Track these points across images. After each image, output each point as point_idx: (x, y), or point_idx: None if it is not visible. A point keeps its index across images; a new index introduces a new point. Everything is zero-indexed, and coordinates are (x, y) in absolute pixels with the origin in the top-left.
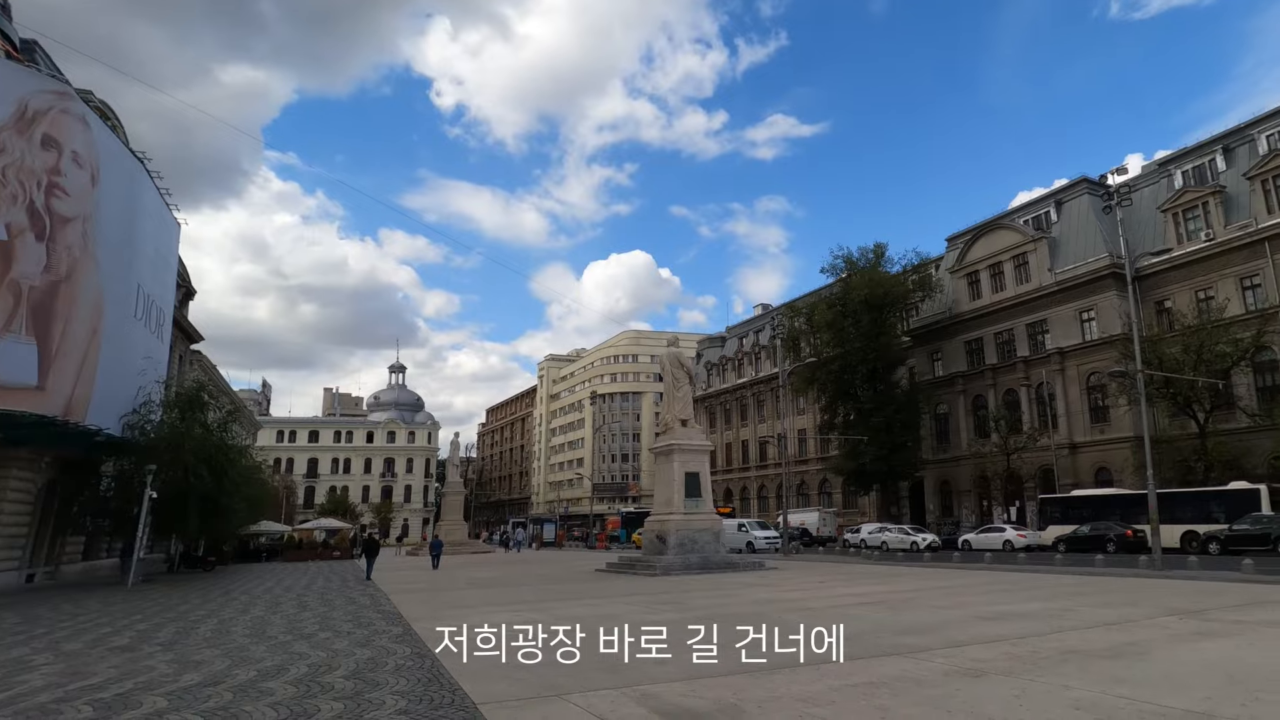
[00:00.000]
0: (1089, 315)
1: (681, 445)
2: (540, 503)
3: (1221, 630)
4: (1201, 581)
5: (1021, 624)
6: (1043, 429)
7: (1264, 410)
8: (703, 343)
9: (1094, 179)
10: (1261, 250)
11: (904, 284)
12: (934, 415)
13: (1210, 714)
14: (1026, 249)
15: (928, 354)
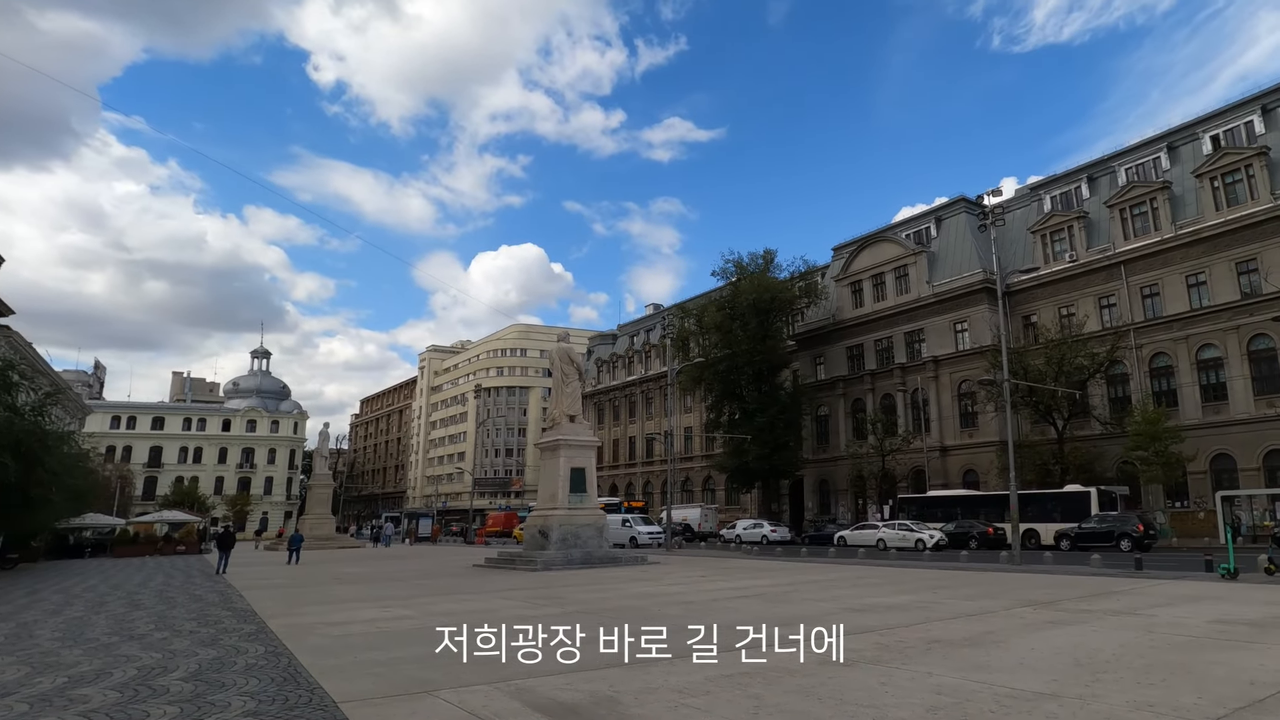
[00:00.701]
0: (962, 326)
1: (568, 441)
2: (417, 497)
3: (1070, 619)
4: (1055, 575)
5: (890, 615)
6: (916, 432)
7: (1115, 419)
8: (594, 339)
9: (971, 199)
10: (1118, 273)
11: (791, 290)
12: (815, 417)
13: (1056, 694)
14: (907, 261)
15: (811, 358)
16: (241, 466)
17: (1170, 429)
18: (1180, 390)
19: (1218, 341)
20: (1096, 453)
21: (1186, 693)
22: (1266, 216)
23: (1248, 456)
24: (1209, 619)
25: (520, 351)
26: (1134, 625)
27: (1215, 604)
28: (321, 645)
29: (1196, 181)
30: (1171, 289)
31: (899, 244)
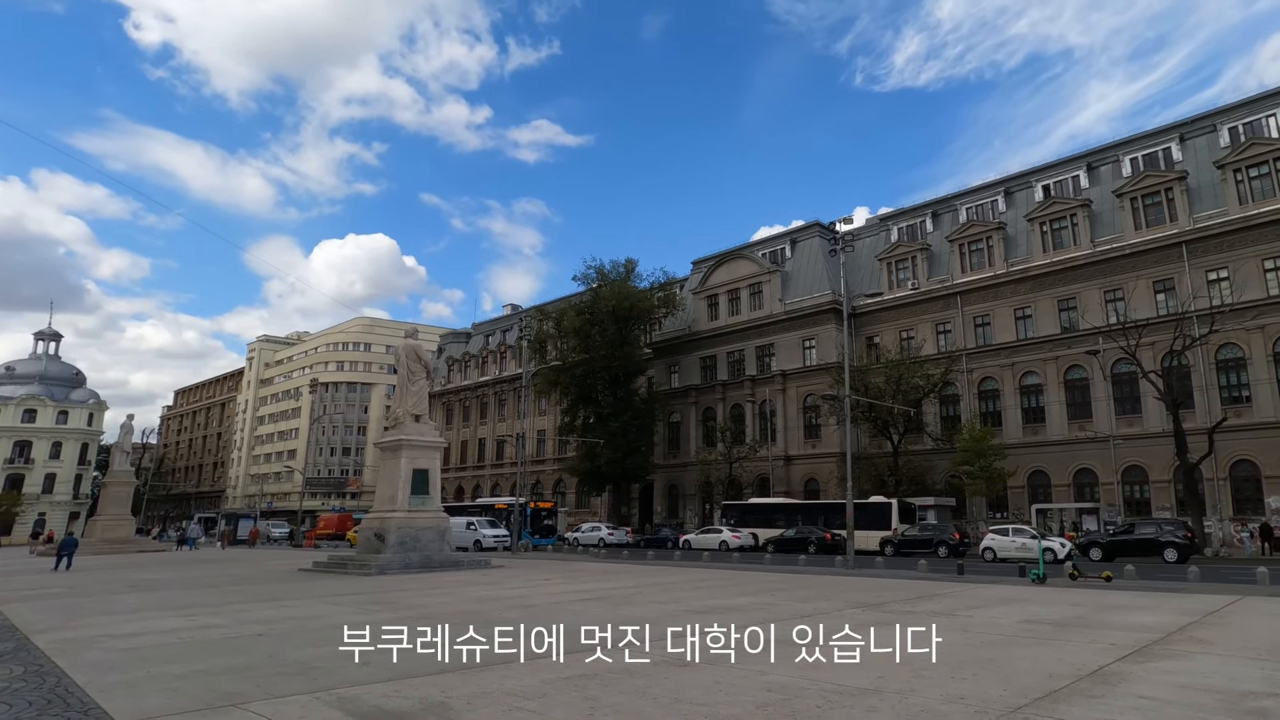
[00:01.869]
0: (811, 343)
1: (412, 441)
2: (238, 496)
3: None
4: (884, 579)
5: (730, 616)
6: (763, 441)
7: (945, 436)
8: (446, 337)
9: (825, 224)
10: (955, 302)
11: (650, 299)
12: (668, 423)
13: (879, 690)
14: (762, 279)
15: (667, 366)
16: (13, 462)
17: (994, 447)
18: (1004, 412)
19: (1039, 370)
20: (928, 466)
21: (995, 686)
22: (1085, 261)
23: (1060, 474)
24: (1018, 619)
25: (364, 346)
26: (951, 625)
27: (1025, 606)
28: (104, 660)
29: (1028, 225)
30: (1001, 320)
31: (755, 262)
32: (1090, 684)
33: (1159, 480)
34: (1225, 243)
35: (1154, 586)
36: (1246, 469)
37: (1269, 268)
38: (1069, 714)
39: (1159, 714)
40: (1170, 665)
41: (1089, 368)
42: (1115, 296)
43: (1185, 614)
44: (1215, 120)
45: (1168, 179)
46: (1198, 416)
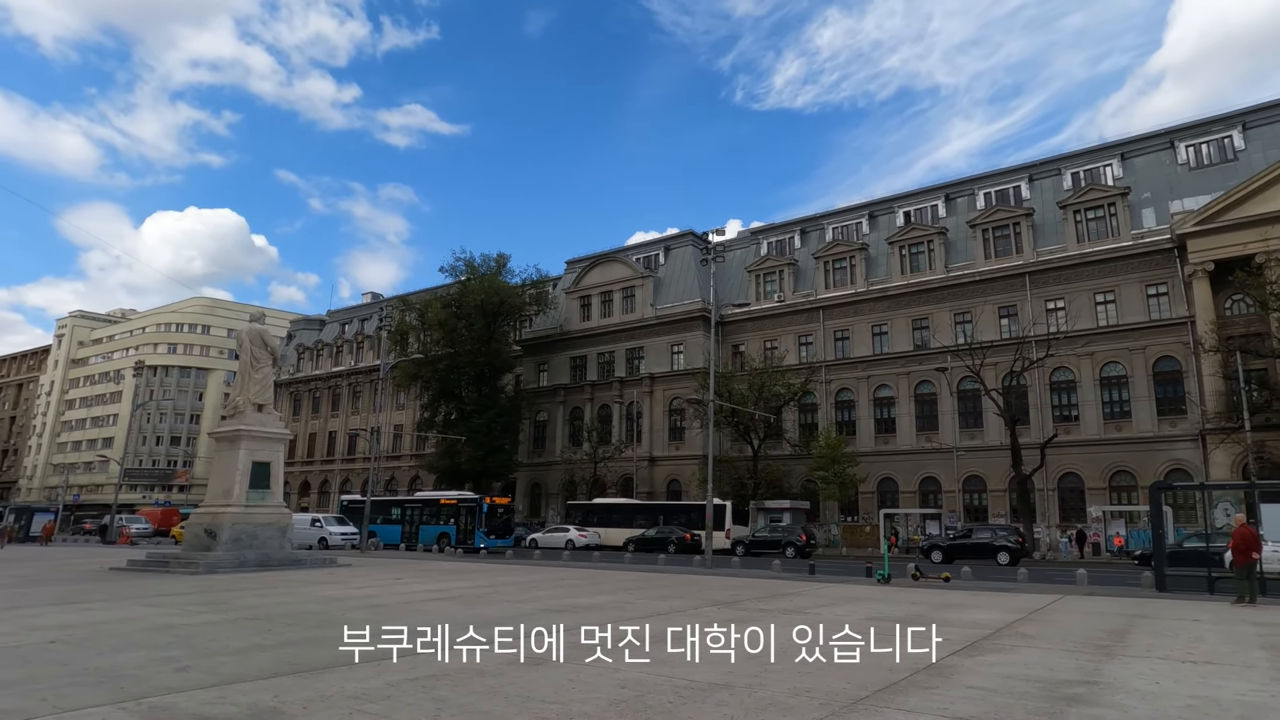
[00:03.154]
0: (679, 348)
1: (253, 431)
2: (35, 488)
3: (750, 617)
4: (740, 578)
5: (587, 615)
6: (629, 442)
7: (803, 442)
8: (298, 323)
9: (699, 234)
10: (817, 316)
11: (522, 296)
12: (534, 421)
13: (729, 684)
14: (635, 283)
15: (536, 364)
16: None
17: (848, 454)
18: (859, 422)
19: (892, 383)
20: (785, 470)
21: (838, 680)
22: (939, 285)
23: (908, 481)
24: (863, 617)
25: (202, 328)
26: (803, 622)
27: (870, 604)
28: None
29: (889, 247)
30: (859, 335)
31: (629, 266)
32: (926, 676)
33: (996, 489)
34: (1063, 276)
35: (987, 587)
36: (1073, 481)
37: (1099, 301)
38: (905, 704)
39: (985, 702)
40: (998, 658)
41: (937, 383)
42: (964, 319)
43: (1013, 611)
44: (1060, 165)
45: (1016, 214)
46: (1032, 432)
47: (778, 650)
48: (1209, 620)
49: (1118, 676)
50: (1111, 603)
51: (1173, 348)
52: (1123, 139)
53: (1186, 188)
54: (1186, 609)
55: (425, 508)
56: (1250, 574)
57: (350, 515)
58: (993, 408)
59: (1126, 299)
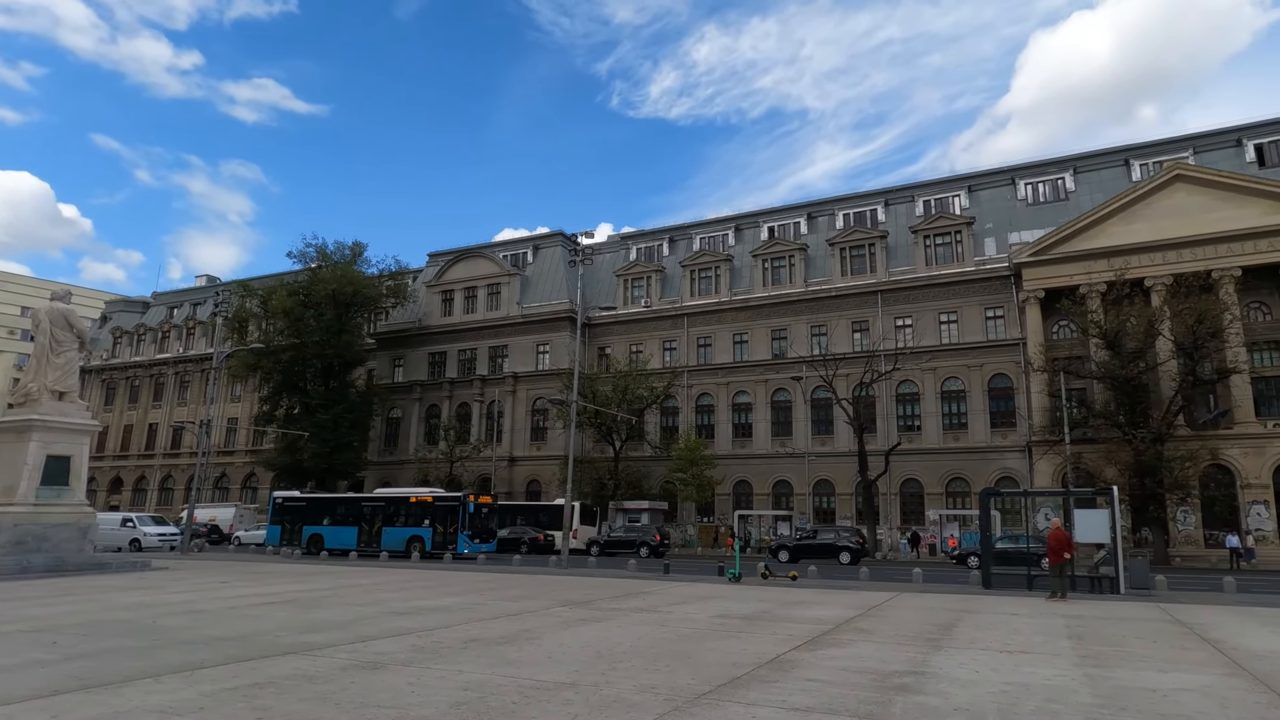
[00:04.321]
0: (545, 348)
1: (48, 422)
2: None
3: (602, 616)
4: (595, 578)
5: (433, 617)
6: (489, 442)
7: (663, 445)
8: (115, 304)
9: (568, 235)
10: (682, 323)
11: (378, 287)
12: (387, 418)
13: (575, 683)
14: (501, 281)
15: (391, 359)
16: None
17: (707, 457)
18: (718, 426)
19: (750, 390)
20: (646, 472)
21: (684, 675)
22: (798, 298)
23: (762, 484)
24: (713, 614)
25: None
26: (652, 621)
27: (720, 602)
28: None
29: (753, 260)
30: (721, 342)
31: (496, 263)
32: (768, 670)
33: (844, 493)
34: (912, 296)
35: (831, 585)
36: (914, 486)
37: (943, 320)
38: (746, 697)
39: (821, 693)
40: (836, 652)
41: (793, 391)
42: (820, 331)
43: (852, 608)
44: (914, 192)
45: (872, 236)
46: (879, 440)
47: (628, 648)
48: (1026, 614)
49: (943, 667)
50: (942, 599)
51: (1006, 366)
52: (970, 173)
53: (1024, 221)
54: (1007, 604)
55: (389, 507)
56: (1062, 572)
57: (284, 515)
58: (843, 416)
59: (967, 320)
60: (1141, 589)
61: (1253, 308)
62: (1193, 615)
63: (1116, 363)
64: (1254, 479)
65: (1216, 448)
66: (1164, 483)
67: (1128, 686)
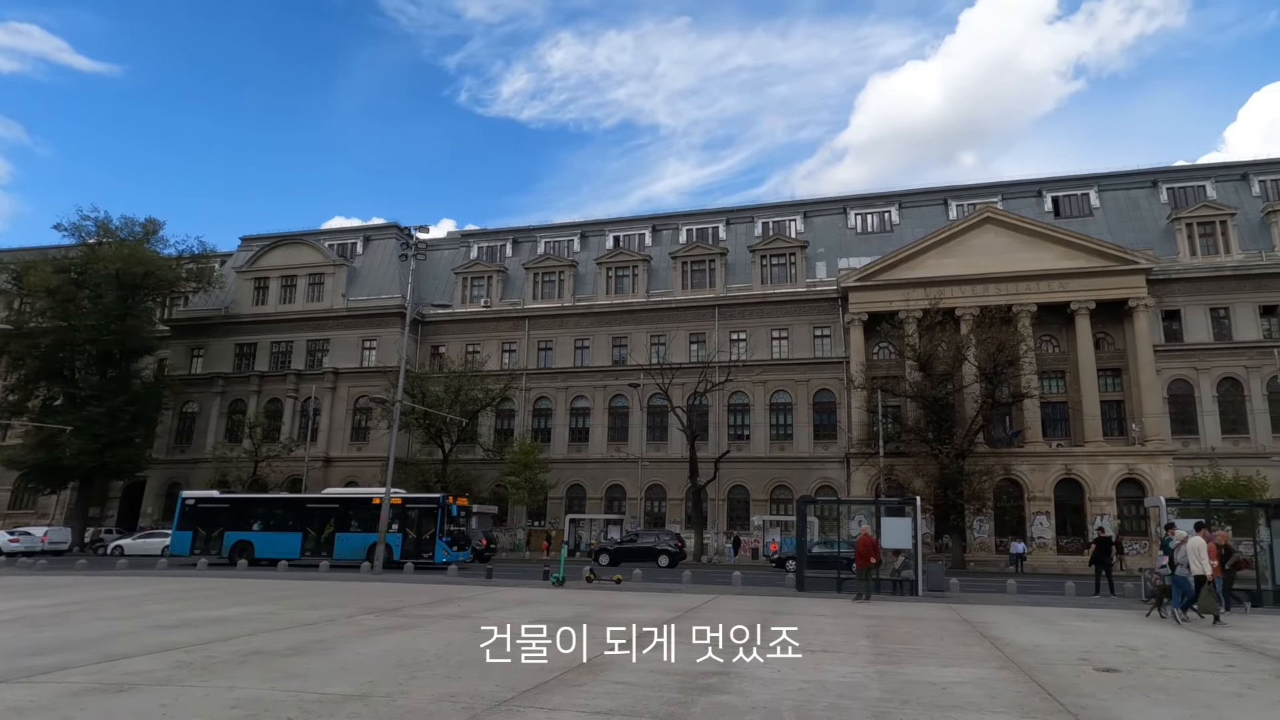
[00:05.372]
0: (372, 344)
1: None
2: None
3: (409, 624)
4: (411, 584)
5: (210, 630)
6: (302, 440)
7: (497, 447)
8: None
9: (404, 227)
10: (523, 325)
11: (175, 269)
12: (180, 413)
13: (367, 695)
14: (326, 271)
15: (189, 348)
16: None
17: (542, 460)
18: (555, 430)
19: (589, 395)
20: (477, 475)
21: (488, 682)
22: (640, 308)
23: (596, 488)
24: (531, 619)
25: None
26: (465, 627)
27: (540, 607)
28: None
29: (597, 267)
30: (562, 347)
31: (321, 251)
32: (577, 674)
33: (675, 498)
34: (747, 312)
35: (654, 588)
36: (741, 492)
37: (775, 336)
38: (550, 703)
39: (627, 695)
40: (650, 654)
41: (630, 398)
42: (659, 341)
43: (672, 610)
44: (754, 214)
45: (713, 252)
46: (710, 447)
47: (434, 656)
48: (831, 615)
49: (748, 667)
50: (757, 601)
51: (830, 382)
52: (808, 199)
53: (853, 248)
54: (816, 605)
55: (344, 510)
56: (868, 575)
57: (196, 520)
58: (677, 423)
59: (797, 337)
60: (937, 591)
61: (1044, 340)
62: (978, 615)
63: (927, 383)
64: (1039, 492)
65: (1009, 464)
66: (964, 494)
67: (914, 681)
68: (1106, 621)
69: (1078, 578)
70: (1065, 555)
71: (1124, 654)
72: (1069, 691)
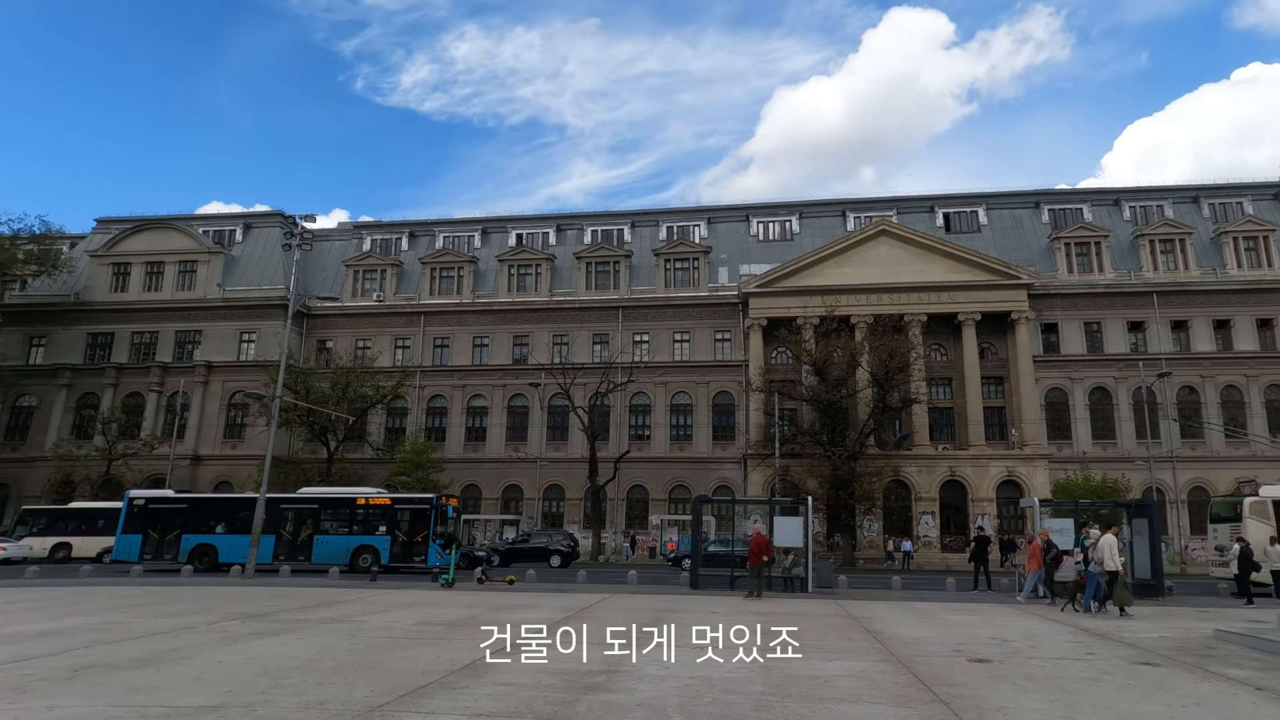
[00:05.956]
0: (250, 337)
1: None
2: None
3: (280, 629)
4: (286, 588)
5: (35, 644)
6: (167, 437)
7: (388, 446)
8: None
9: (289, 215)
10: (418, 321)
11: (10, 250)
12: (13, 408)
13: (223, 706)
14: (199, 258)
15: (27, 336)
16: None
17: (435, 460)
18: (450, 429)
19: (487, 394)
20: (365, 474)
21: (363, 688)
22: (542, 307)
23: (493, 488)
24: (414, 622)
25: None
26: (342, 631)
27: (426, 609)
28: None
29: (499, 264)
30: (460, 344)
31: (193, 237)
32: (459, 677)
33: (574, 498)
34: (651, 314)
35: (549, 588)
36: (640, 492)
37: (678, 339)
38: (428, 706)
39: (510, 697)
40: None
41: (531, 397)
42: (562, 340)
43: (564, 610)
44: (659, 218)
45: (618, 254)
46: (611, 448)
47: (305, 662)
48: (723, 612)
49: (637, 664)
50: (651, 599)
51: (730, 385)
52: (712, 206)
53: (755, 256)
54: (709, 603)
55: (323, 511)
56: (760, 573)
57: (148, 522)
58: (578, 423)
59: (699, 340)
60: (826, 588)
61: (933, 349)
62: (863, 610)
63: (823, 388)
64: (925, 493)
65: (898, 466)
66: (855, 494)
67: (797, 675)
68: (982, 615)
69: (959, 574)
70: (949, 553)
71: (996, 645)
72: (943, 681)
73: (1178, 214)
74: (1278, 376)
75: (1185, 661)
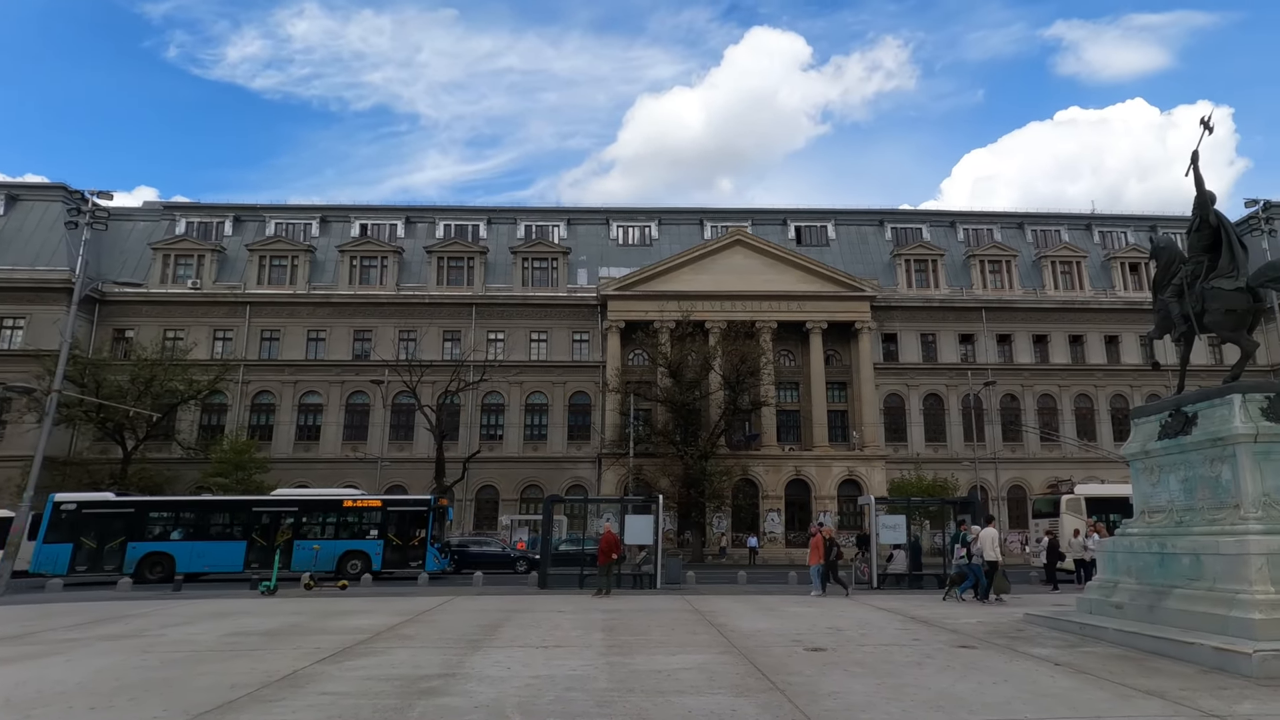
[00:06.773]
0: (18, 323)
1: None
2: None
3: (45, 651)
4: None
5: None
6: None
7: (201, 445)
8: None
9: (76, 189)
10: (242, 312)
11: None
12: None
13: None
14: None
15: None
16: None
17: (259, 460)
18: (278, 427)
19: (322, 390)
20: (172, 475)
21: (154, 707)
22: (388, 301)
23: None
24: (225, 633)
25: None
26: (132, 648)
27: (240, 619)
28: None
29: (339, 255)
30: (292, 337)
31: None
32: (275, 689)
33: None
34: (507, 312)
35: (387, 592)
36: (490, 493)
37: (534, 339)
38: None
39: (333, 707)
40: (366, 661)
41: (373, 395)
42: (409, 336)
43: (400, 615)
44: (518, 216)
45: (472, 250)
46: (460, 447)
47: (74, 686)
48: (570, 611)
49: (476, 666)
50: (497, 600)
51: (587, 385)
52: (573, 207)
53: (614, 259)
54: (557, 602)
55: (304, 514)
56: (609, 571)
57: (79, 529)
58: (425, 423)
59: (556, 340)
60: (675, 584)
61: (782, 355)
62: (709, 605)
63: (677, 389)
64: (772, 491)
65: (747, 465)
66: (705, 493)
67: (641, 670)
68: (821, 606)
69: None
70: (793, 548)
71: (831, 635)
72: (781, 670)
73: (1005, 238)
74: (1086, 387)
75: (998, 643)
